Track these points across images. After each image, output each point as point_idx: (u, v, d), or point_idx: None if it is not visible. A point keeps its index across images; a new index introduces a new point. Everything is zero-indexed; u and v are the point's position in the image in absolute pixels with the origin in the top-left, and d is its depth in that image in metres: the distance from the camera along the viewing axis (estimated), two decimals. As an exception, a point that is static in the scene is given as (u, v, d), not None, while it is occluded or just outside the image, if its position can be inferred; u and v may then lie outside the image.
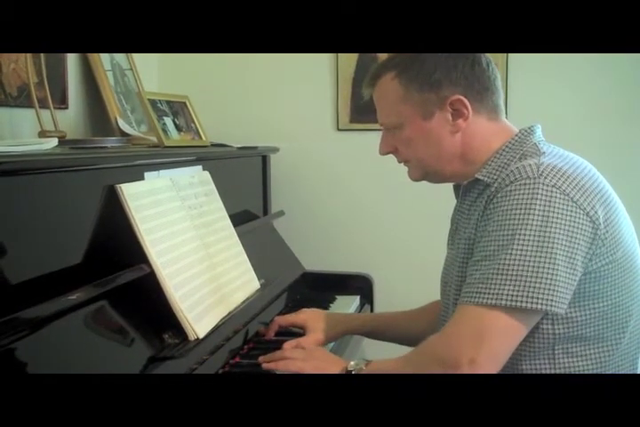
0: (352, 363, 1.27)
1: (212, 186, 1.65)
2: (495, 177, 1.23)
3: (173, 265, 1.35)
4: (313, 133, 2.49)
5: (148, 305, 1.30)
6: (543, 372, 1.20)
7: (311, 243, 2.38)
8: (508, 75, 2.32)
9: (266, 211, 2.22)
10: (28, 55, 1.71)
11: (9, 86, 1.72)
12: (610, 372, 1.21)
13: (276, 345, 1.44)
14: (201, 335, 1.32)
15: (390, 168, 1.52)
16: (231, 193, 1.58)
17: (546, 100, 2.34)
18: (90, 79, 2.05)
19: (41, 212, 1.14)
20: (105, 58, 2.08)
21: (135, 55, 2.23)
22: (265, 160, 2.25)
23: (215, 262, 1.53)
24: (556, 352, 1.19)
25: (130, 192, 1.31)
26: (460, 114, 1.26)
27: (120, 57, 2.17)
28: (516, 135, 1.28)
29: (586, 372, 1.19)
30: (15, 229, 1.10)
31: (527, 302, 1.10)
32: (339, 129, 2.45)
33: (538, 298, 1.11)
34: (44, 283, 1.14)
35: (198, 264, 1.44)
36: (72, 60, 1.99)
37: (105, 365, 1.13)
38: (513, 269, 1.11)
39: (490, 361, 1.13)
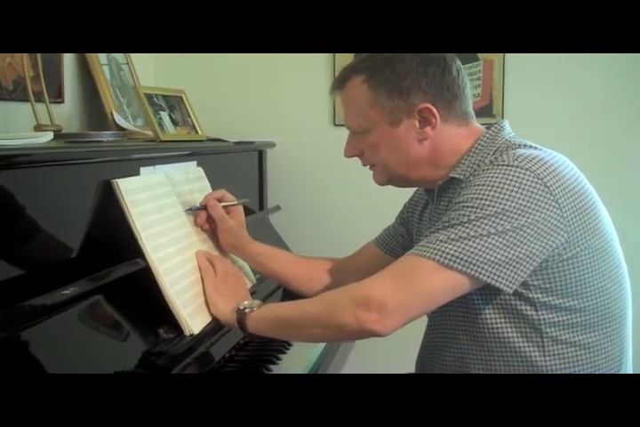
0: (245, 302, 1.30)
1: (206, 182, 1.64)
2: (470, 174, 1.23)
3: (169, 261, 1.35)
4: (309, 129, 2.49)
5: (143, 300, 1.30)
6: (534, 360, 1.20)
7: (307, 238, 2.37)
8: (505, 74, 2.32)
9: (262, 206, 2.22)
10: (24, 49, 1.71)
11: (4, 80, 1.72)
12: (600, 360, 1.21)
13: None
14: (196, 331, 1.32)
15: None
16: (227, 188, 1.58)
17: (542, 99, 2.33)
18: (86, 73, 2.05)
19: (36, 205, 1.14)
20: (101, 52, 2.07)
21: (132, 49, 2.23)
22: (261, 155, 2.24)
23: (211, 258, 1.52)
24: (545, 339, 1.19)
25: (126, 187, 1.31)
26: (428, 122, 1.25)
27: (116, 51, 2.17)
28: (487, 133, 1.27)
29: (575, 359, 1.20)
30: (9, 223, 1.10)
31: (461, 264, 1.10)
32: (335, 124, 2.44)
33: (473, 264, 1.10)
34: (39, 277, 1.13)
35: (194, 260, 1.43)
36: (68, 54, 1.98)
37: (99, 359, 1.13)
38: (462, 237, 1.11)
39: (400, 311, 1.11)
